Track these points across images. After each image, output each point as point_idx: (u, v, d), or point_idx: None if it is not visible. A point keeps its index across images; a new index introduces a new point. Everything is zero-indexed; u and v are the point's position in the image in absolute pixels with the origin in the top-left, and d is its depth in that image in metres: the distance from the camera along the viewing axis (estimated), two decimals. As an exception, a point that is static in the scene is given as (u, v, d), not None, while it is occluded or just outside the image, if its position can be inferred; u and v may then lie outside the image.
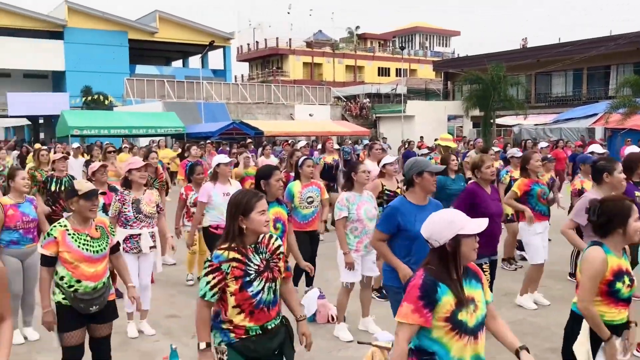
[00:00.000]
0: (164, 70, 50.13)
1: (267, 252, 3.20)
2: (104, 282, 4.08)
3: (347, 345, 5.46)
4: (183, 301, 7.00)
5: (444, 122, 35.13)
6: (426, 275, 2.62)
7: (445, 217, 2.69)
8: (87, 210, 4.02)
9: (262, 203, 3.14)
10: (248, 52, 61.83)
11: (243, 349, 3.07)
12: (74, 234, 4.00)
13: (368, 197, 5.64)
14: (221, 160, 6.65)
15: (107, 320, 4.17)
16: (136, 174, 5.71)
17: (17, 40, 40.82)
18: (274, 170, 5.06)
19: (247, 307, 3.07)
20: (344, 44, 63.62)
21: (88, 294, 3.97)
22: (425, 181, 4.17)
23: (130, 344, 5.60)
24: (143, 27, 46.67)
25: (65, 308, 3.97)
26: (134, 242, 5.65)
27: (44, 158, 8.74)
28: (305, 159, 6.65)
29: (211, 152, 15.33)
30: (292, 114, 35.88)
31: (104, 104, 36.12)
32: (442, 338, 2.60)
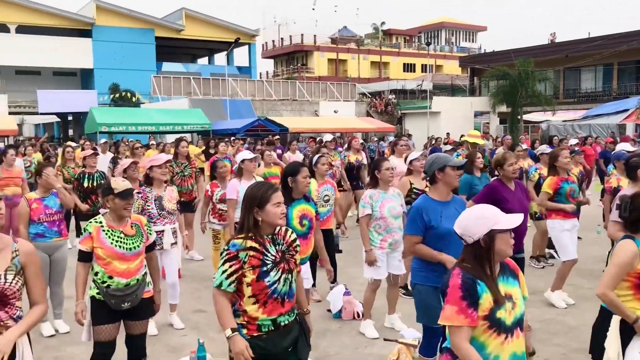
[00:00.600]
0: (190, 67, 50.51)
1: (284, 243, 3.21)
2: (138, 280, 4.08)
3: (373, 342, 5.45)
4: (209, 296, 7.01)
5: (470, 119, 34.80)
6: (464, 273, 2.57)
7: (479, 212, 2.66)
8: (121, 208, 4.05)
9: (278, 195, 3.14)
10: (273, 48, 61.99)
11: (254, 346, 3.04)
12: (108, 230, 4.03)
13: (394, 194, 5.60)
14: (245, 156, 6.66)
15: (142, 318, 4.17)
16: (157, 170, 5.75)
17: (46, 38, 41.53)
18: (301, 167, 5.05)
19: (262, 298, 3.06)
20: (369, 40, 63.40)
21: (120, 291, 3.98)
22: (448, 176, 4.12)
23: (159, 338, 5.67)
24: (169, 25, 47.07)
25: (98, 303, 4.00)
26: (158, 238, 5.71)
27: (69, 155, 8.90)
28: (320, 157, 6.64)
29: (239, 149, 15.36)
30: (317, 110, 35.87)
31: (131, 101, 36.53)
32: (479, 336, 2.56)
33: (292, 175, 4.95)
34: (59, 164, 9.02)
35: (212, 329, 5.87)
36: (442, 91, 43.72)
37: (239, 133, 25.08)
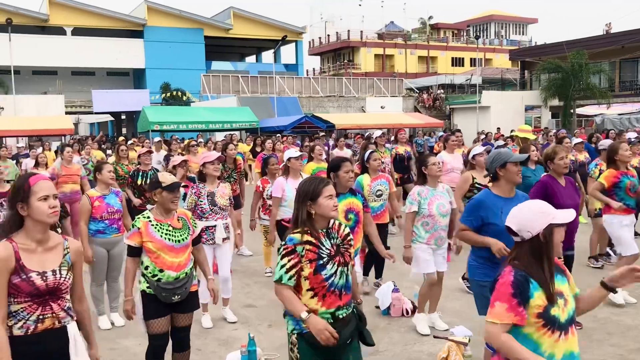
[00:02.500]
0: (238, 65, 51.16)
1: (339, 237, 3.25)
2: (187, 273, 4.15)
3: (422, 340, 5.41)
4: (259, 291, 7.16)
5: (521, 113, 34.06)
6: (516, 271, 2.53)
7: (536, 207, 2.62)
8: (169, 202, 4.14)
9: (329, 188, 3.20)
10: (319, 45, 62.06)
11: (313, 339, 3.07)
12: (157, 224, 4.11)
13: (443, 191, 5.53)
14: (292, 155, 6.68)
15: (189, 310, 4.25)
16: (210, 167, 5.85)
17: (100, 40, 42.82)
18: (343, 162, 5.06)
19: (320, 291, 3.11)
20: (416, 35, 62.71)
21: (170, 284, 4.06)
22: (510, 172, 4.06)
23: (210, 332, 5.79)
24: (218, 24, 47.79)
25: (149, 296, 4.09)
26: (210, 233, 5.81)
27: (123, 153, 9.16)
28: (372, 153, 6.62)
29: (287, 145, 15.47)
30: (364, 106, 35.77)
31: (181, 99, 37.30)
32: (532, 334, 2.51)
33: (334, 170, 4.98)
34: (113, 161, 9.30)
35: (262, 324, 5.96)
36: (491, 85, 42.84)
37: (286, 130, 25.27)
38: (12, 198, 2.81)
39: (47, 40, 41.45)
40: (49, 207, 2.77)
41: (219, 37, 47.73)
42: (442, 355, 4.80)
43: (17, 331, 2.78)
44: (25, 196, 2.76)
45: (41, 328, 2.81)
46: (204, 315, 5.96)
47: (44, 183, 2.82)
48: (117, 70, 45.46)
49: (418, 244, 5.48)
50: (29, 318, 2.78)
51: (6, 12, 37.68)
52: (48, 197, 2.78)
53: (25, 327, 2.78)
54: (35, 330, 2.79)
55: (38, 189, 2.77)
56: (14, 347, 2.74)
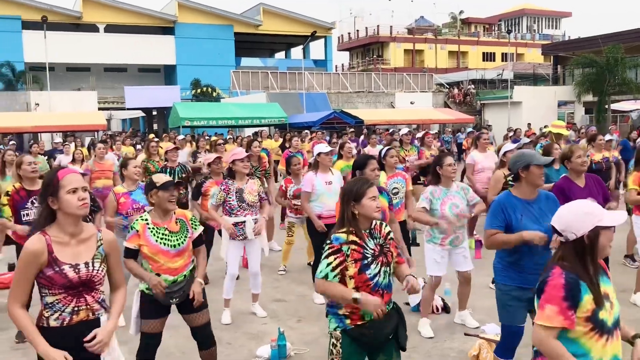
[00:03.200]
0: (268, 62, 51.37)
1: (381, 237, 3.28)
2: (185, 275, 4.09)
3: (453, 337, 5.37)
4: (288, 286, 7.19)
5: (553, 108, 33.47)
6: (567, 273, 2.46)
7: (582, 208, 2.55)
8: (165, 201, 4.04)
9: (373, 190, 3.24)
10: (349, 41, 61.89)
11: (359, 335, 3.15)
12: (153, 227, 4.03)
13: (457, 190, 5.42)
14: (321, 150, 6.65)
15: (196, 310, 4.17)
16: (239, 164, 5.87)
17: (132, 36, 43.41)
18: (368, 160, 5.03)
19: (364, 290, 3.13)
20: (446, 30, 62.06)
21: (168, 288, 4.00)
22: (532, 175, 3.91)
23: (239, 326, 5.83)
24: (248, 20, 48.02)
25: (147, 297, 4.07)
26: (240, 229, 5.84)
27: (153, 149, 9.25)
28: (388, 149, 6.57)
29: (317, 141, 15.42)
30: (393, 102, 35.57)
31: (212, 95, 37.60)
32: (580, 338, 2.46)
33: (360, 168, 4.95)
34: (144, 157, 9.42)
35: (292, 319, 5.98)
36: (523, 80, 42.17)
37: (315, 126, 25.28)
38: (43, 192, 2.87)
39: (81, 37, 42.17)
40: (78, 200, 2.81)
41: (248, 33, 47.96)
42: (473, 353, 4.76)
43: (53, 322, 2.86)
44: (54, 190, 2.81)
45: (76, 320, 2.88)
46: (224, 310, 5.98)
47: (72, 176, 2.86)
48: (149, 66, 46.03)
49: (432, 244, 5.43)
50: (65, 310, 2.86)
51: (41, 10, 38.45)
52: (77, 190, 2.82)
53: (61, 318, 2.86)
54: (70, 322, 2.87)
55: (66, 182, 2.81)
56: (51, 338, 2.81)
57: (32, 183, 5.60)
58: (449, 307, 6.04)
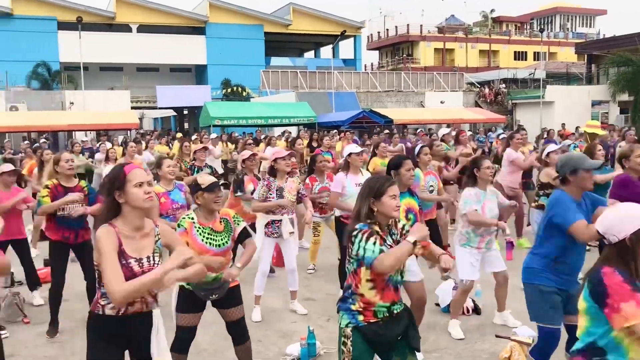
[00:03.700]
0: (297, 61, 51.44)
1: (398, 234, 3.31)
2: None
3: (484, 339, 5.33)
4: (318, 284, 7.22)
5: (587, 108, 32.83)
6: (618, 270, 2.44)
7: (624, 211, 2.53)
8: (211, 202, 4.11)
9: (394, 188, 3.25)
10: (378, 40, 61.63)
11: (370, 333, 3.15)
12: (199, 227, 4.12)
13: (492, 194, 5.41)
14: (352, 150, 6.60)
15: (233, 305, 4.27)
16: (281, 162, 5.94)
17: (164, 36, 43.95)
18: (404, 160, 5.01)
19: (379, 283, 3.16)
20: (477, 28, 61.35)
21: (209, 284, 4.10)
22: (581, 179, 3.86)
23: (270, 324, 5.87)
24: (278, 20, 48.21)
25: (186, 292, 4.16)
26: (275, 227, 5.89)
27: (186, 149, 9.38)
28: (422, 147, 6.53)
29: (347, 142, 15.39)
30: (423, 101, 35.34)
31: (241, 95, 37.87)
32: (622, 340, 2.43)
33: (395, 168, 4.92)
34: (177, 156, 9.53)
35: (321, 317, 6.00)
36: (556, 80, 41.45)
37: (344, 125, 25.26)
38: (109, 187, 2.96)
39: (114, 37, 42.86)
40: (144, 193, 2.92)
41: (278, 32, 48.14)
42: (505, 355, 4.71)
43: (109, 311, 2.98)
44: (121, 184, 2.92)
45: (131, 311, 2.99)
46: (255, 308, 6.02)
47: (138, 171, 2.98)
48: (180, 66, 46.54)
49: (468, 248, 5.37)
50: None
51: (76, 10, 39.19)
52: (143, 184, 2.94)
53: (117, 308, 2.96)
54: (125, 312, 2.98)
55: (133, 177, 2.92)
56: (105, 325, 2.97)
57: (68, 180, 5.71)
58: (479, 309, 6.00)
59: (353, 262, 3.20)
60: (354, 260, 3.19)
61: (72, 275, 5.86)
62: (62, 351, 5.32)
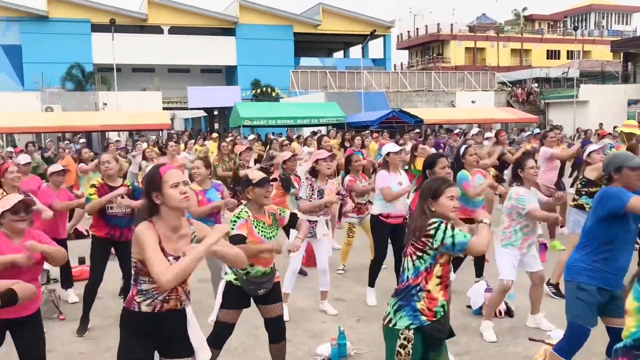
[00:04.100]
0: (326, 61, 51.48)
1: None
2: (272, 267, 4.31)
3: (517, 342, 5.24)
4: (348, 285, 7.19)
5: (623, 108, 32.11)
6: None
7: None
8: (262, 197, 4.23)
9: (452, 189, 3.31)
10: (408, 39, 61.30)
11: (434, 331, 3.22)
12: (254, 220, 4.24)
13: (533, 194, 5.32)
14: (390, 149, 6.50)
15: (275, 301, 4.35)
16: (323, 164, 5.97)
17: (195, 38, 44.43)
18: (438, 159, 4.97)
19: (445, 281, 3.26)
20: (509, 27, 60.56)
21: (258, 278, 4.21)
22: (626, 177, 3.80)
23: (299, 324, 5.87)
24: (307, 20, 48.31)
25: (233, 288, 4.22)
26: (310, 227, 5.89)
27: (224, 149, 9.49)
28: (467, 148, 6.45)
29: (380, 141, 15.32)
30: (453, 101, 35.04)
31: (271, 95, 38.06)
32: None
33: (430, 167, 4.89)
34: (216, 157, 9.62)
35: (351, 318, 5.98)
36: (590, 79, 40.67)
37: (373, 125, 25.19)
38: (146, 188, 3.02)
39: (146, 39, 43.49)
40: (180, 193, 2.96)
41: (307, 33, 48.24)
42: (538, 359, 4.63)
43: (144, 308, 3.03)
44: (158, 185, 2.96)
45: (166, 308, 3.05)
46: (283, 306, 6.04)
47: (173, 171, 3.02)
48: (211, 67, 46.97)
49: (510, 248, 5.28)
50: (157, 298, 3.03)
51: (109, 12, 39.90)
52: (178, 184, 2.97)
53: (152, 305, 3.03)
54: (160, 309, 3.04)
55: (169, 177, 2.97)
56: (140, 321, 3.03)
57: (113, 180, 5.89)
58: (512, 311, 5.90)
59: (427, 259, 3.22)
60: (431, 255, 3.21)
61: (106, 273, 5.95)
62: (96, 347, 5.40)
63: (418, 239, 3.22)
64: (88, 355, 5.27)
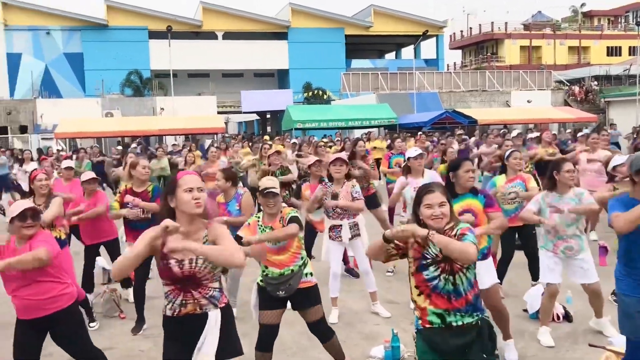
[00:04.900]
0: (378, 63, 51.36)
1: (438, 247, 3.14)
2: (292, 270, 4.38)
3: (575, 347, 5.10)
4: (400, 287, 7.15)
5: (690, 105, 30.68)
6: None
7: None
8: (264, 205, 4.42)
9: (429, 197, 3.14)
10: (461, 39, 60.41)
11: (427, 339, 3.16)
12: (262, 225, 4.43)
13: (573, 197, 5.05)
14: (410, 155, 6.51)
15: (308, 306, 4.42)
16: (331, 168, 5.96)
17: (248, 43, 45.14)
18: (463, 162, 4.88)
19: (424, 290, 3.15)
20: (566, 24, 58.82)
21: (275, 279, 4.36)
22: None
23: (353, 326, 5.89)
24: (359, 22, 48.32)
25: (262, 289, 4.44)
26: (337, 231, 5.94)
27: (265, 152, 9.63)
28: (513, 152, 6.31)
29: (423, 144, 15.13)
30: (508, 100, 34.31)
31: (322, 98, 38.23)
32: None
33: (454, 170, 4.79)
34: (257, 159, 9.78)
35: (404, 321, 5.94)
36: (654, 75, 39.03)
37: (426, 126, 24.96)
38: (164, 191, 3.14)
39: (201, 44, 44.46)
40: (192, 199, 3.01)
41: (359, 35, 48.22)
42: (599, 366, 4.50)
43: (167, 312, 3.15)
44: (173, 189, 3.05)
45: (184, 312, 3.10)
46: (332, 309, 6.03)
47: (189, 177, 3.10)
48: (263, 71, 47.59)
49: (544, 251, 5.20)
50: (175, 301, 3.10)
51: (166, 20, 41.04)
52: (192, 190, 3.03)
53: (172, 308, 3.12)
54: (179, 313, 3.11)
55: (183, 182, 3.05)
56: (166, 325, 3.15)
57: (140, 185, 6.11)
58: (570, 316, 5.74)
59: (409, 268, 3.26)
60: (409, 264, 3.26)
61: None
62: (155, 345, 5.56)
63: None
64: (147, 353, 5.44)
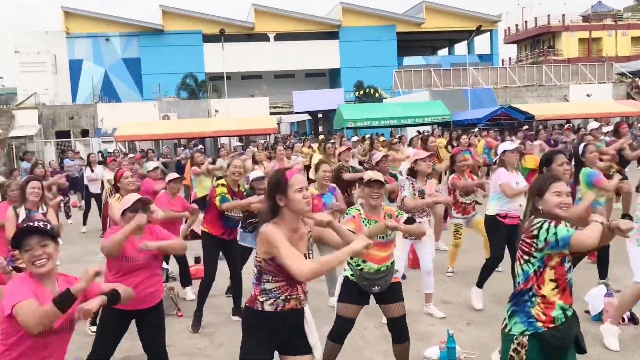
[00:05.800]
0: (430, 59, 50.67)
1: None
2: (387, 266, 4.37)
3: (643, 351, 4.88)
4: (456, 288, 7.04)
5: None
6: None
7: None
8: (368, 196, 4.36)
9: (558, 185, 3.13)
10: (516, 33, 58.94)
11: (551, 338, 3.04)
12: (365, 219, 4.35)
13: None
14: (506, 147, 6.27)
15: (394, 301, 4.39)
16: (422, 164, 5.95)
17: (299, 43, 45.37)
18: (556, 155, 4.75)
19: (561, 283, 3.08)
20: (629, 14, 56.49)
21: (372, 275, 4.30)
22: None
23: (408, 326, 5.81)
24: (410, 19, 47.83)
25: (350, 283, 4.37)
26: None
27: (330, 150, 9.67)
28: (587, 145, 6.10)
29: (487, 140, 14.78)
30: (567, 95, 33.25)
31: (374, 96, 38.03)
32: None
33: (547, 164, 4.67)
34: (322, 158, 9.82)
35: (460, 322, 5.85)
36: None
37: (481, 123, 24.47)
38: (271, 190, 3.16)
39: (253, 46, 44.98)
40: (303, 198, 3.09)
41: (411, 32, 47.75)
42: (668, 371, 4.28)
43: (267, 307, 3.15)
44: (283, 189, 3.10)
45: (287, 307, 3.17)
46: (430, 305, 6.07)
47: (298, 176, 3.16)
48: (315, 71, 47.74)
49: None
50: (280, 297, 3.15)
51: (219, 23, 41.72)
52: (302, 189, 3.11)
53: (275, 304, 3.15)
54: (283, 309, 3.16)
55: (294, 182, 3.10)
56: (264, 321, 3.15)
57: (234, 185, 6.14)
58: (637, 319, 5.50)
59: (534, 262, 3.09)
60: (537, 258, 3.07)
61: (218, 272, 6.23)
62: (211, 343, 5.67)
63: (524, 240, 3.11)
64: (204, 350, 5.54)
